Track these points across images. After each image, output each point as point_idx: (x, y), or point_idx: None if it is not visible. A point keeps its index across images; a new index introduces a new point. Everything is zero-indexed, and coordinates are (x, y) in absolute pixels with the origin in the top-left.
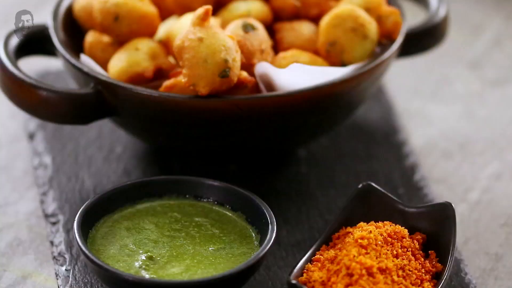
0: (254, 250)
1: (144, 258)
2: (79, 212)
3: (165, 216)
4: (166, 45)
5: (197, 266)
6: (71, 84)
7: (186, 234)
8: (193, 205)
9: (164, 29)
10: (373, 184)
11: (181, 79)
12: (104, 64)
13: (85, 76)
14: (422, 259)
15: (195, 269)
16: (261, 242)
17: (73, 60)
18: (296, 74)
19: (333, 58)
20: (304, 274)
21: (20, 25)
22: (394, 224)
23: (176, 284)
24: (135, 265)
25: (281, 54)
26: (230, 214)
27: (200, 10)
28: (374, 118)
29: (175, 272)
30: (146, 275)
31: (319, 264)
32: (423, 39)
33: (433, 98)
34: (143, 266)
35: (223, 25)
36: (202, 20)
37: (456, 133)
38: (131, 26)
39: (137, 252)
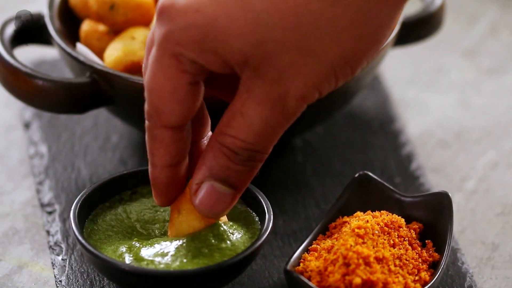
0: (251, 240)
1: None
2: (75, 202)
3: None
4: None
5: (198, 257)
6: (66, 73)
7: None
8: None
9: None
10: (370, 174)
11: None
12: (100, 53)
13: (80, 65)
14: (419, 249)
15: (196, 260)
16: (258, 231)
17: (68, 49)
18: None
19: None
20: (301, 264)
21: (16, 14)
22: (391, 214)
23: (171, 274)
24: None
25: None
26: None
27: None
28: (370, 107)
29: (172, 261)
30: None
31: (316, 254)
32: (419, 28)
33: (429, 87)
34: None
35: None
36: None
37: (452, 122)
38: (127, 15)
39: (134, 241)
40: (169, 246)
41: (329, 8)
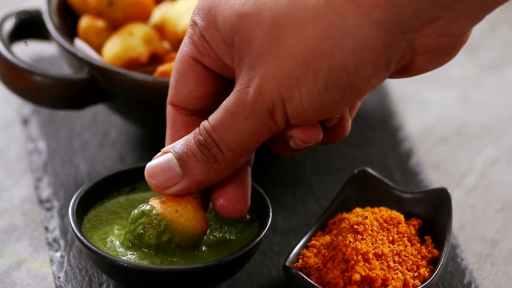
0: (250, 236)
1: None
2: (73, 198)
3: None
4: (160, 30)
5: (195, 254)
6: (65, 69)
7: None
8: None
9: (159, 14)
10: (369, 170)
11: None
12: (98, 49)
13: (79, 61)
14: (418, 245)
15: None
16: (258, 227)
17: (67, 45)
18: None
19: None
20: (300, 260)
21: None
22: (390, 210)
23: (171, 271)
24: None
25: None
26: None
27: None
28: (370, 103)
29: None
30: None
31: (315, 250)
32: None
33: (429, 83)
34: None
35: None
36: None
37: (452, 118)
38: (125, 11)
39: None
40: None
41: None
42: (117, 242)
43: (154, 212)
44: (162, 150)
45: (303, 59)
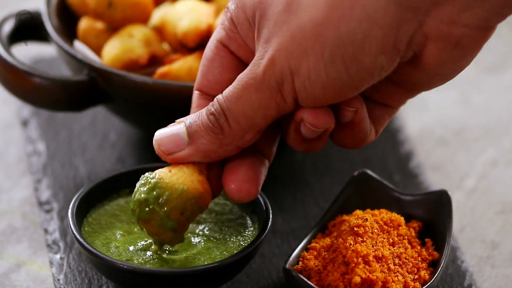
0: (250, 238)
1: (140, 246)
2: (73, 200)
3: None
4: (160, 31)
5: (193, 256)
6: (64, 71)
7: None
8: None
9: (158, 15)
10: (369, 172)
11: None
12: (97, 51)
13: (78, 63)
14: (419, 247)
15: (191, 258)
16: (257, 229)
17: (66, 47)
18: None
19: None
20: (300, 262)
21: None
22: (390, 212)
23: (170, 273)
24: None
25: None
26: (228, 202)
27: None
28: None
29: (171, 259)
30: (141, 262)
31: (315, 252)
32: None
33: None
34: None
35: (218, 12)
36: None
37: (452, 120)
38: (124, 12)
39: (132, 240)
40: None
41: None
42: (121, 247)
43: (151, 175)
44: (176, 120)
45: (312, 29)
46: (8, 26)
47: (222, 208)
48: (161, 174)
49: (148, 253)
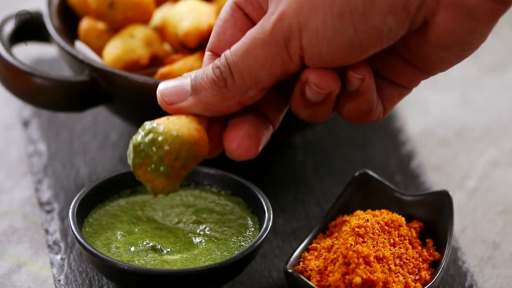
0: (251, 239)
1: (141, 247)
2: (74, 201)
3: (161, 205)
4: (161, 32)
5: (194, 256)
6: (66, 72)
7: (184, 223)
8: (191, 194)
9: (159, 15)
10: (370, 172)
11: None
12: (99, 51)
13: (80, 63)
14: (420, 248)
15: (191, 259)
16: (258, 230)
17: (67, 47)
18: None
19: None
20: (301, 263)
21: (16, 13)
22: (391, 213)
23: (171, 273)
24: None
25: None
26: (229, 202)
27: None
28: None
29: (171, 260)
30: (142, 263)
31: (316, 253)
32: None
33: (430, 85)
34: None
35: (219, 12)
36: None
37: (453, 120)
38: (126, 12)
39: (133, 240)
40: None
41: None
42: (121, 248)
43: (149, 122)
44: (183, 74)
45: None
46: (9, 27)
47: (223, 208)
48: (159, 121)
49: (149, 253)
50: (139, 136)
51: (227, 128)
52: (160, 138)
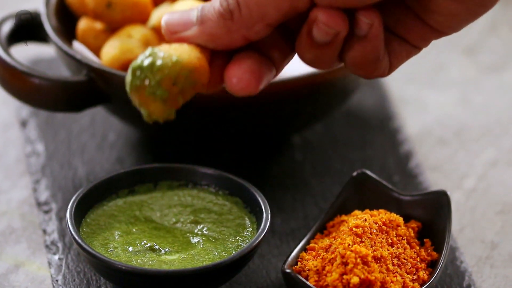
0: (249, 239)
1: (138, 247)
2: (72, 201)
3: (159, 205)
4: (159, 32)
5: (192, 256)
6: (63, 72)
7: (182, 223)
8: (189, 194)
9: (157, 15)
10: (368, 172)
11: None
12: (96, 51)
13: (77, 63)
14: (418, 248)
15: (189, 259)
16: (256, 230)
17: (65, 47)
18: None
19: None
20: (299, 263)
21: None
22: (389, 212)
23: (169, 273)
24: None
25: None
26: (227, 202)
27: None
28: (369, 105)
29: (169, 260)
30: (140, 263)
31: (314, 253)
32: None
33: (429, 84)
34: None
35: None
36: None
37: (452, 120)
38: (123, 12)
39: (130, 241)
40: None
41: None
42: (119, 248)
43: (151, 47)
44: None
45: None
46: (7, 27)
47: (221, 208)
48: (161, 47)
49: (147, 254)
50: (138, 60)
51: (230, 63)
52: (159, 62)
